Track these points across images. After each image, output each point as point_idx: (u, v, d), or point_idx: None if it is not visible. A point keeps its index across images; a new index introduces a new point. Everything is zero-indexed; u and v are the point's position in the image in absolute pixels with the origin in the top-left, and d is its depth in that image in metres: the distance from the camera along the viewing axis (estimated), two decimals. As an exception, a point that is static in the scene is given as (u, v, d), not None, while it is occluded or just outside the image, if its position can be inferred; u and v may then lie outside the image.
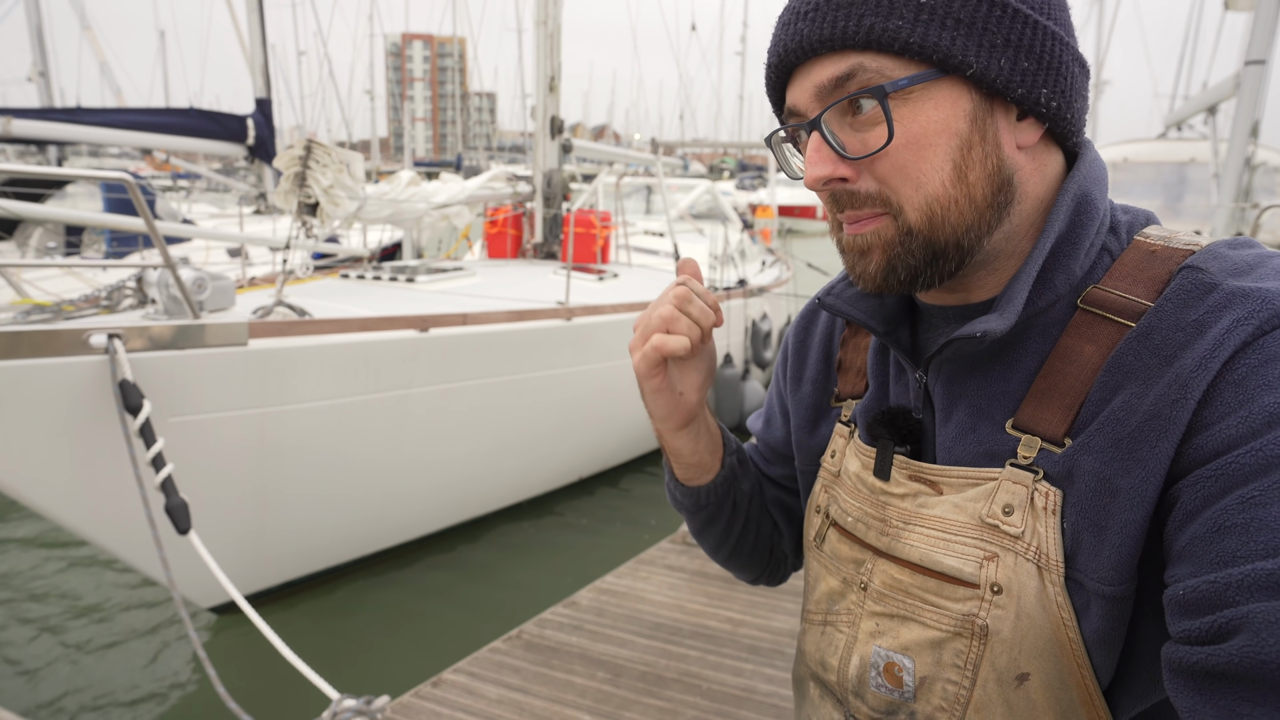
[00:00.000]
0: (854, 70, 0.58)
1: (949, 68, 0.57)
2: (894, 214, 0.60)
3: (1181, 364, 0.52)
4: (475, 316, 4.38)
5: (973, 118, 0.59)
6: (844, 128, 0.60)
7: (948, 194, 0.59)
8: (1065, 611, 0.56)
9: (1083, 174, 0.63)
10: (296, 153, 4.36)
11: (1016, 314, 0.59)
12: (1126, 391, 0.55)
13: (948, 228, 0.60)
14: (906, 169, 0.59)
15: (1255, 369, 0.49)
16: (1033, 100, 0.59)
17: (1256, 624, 0.44)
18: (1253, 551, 0.45)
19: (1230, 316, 0.51)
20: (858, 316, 0.70)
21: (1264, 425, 0.48)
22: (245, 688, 3.06)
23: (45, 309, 3.44)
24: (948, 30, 0.57)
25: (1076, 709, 0.57)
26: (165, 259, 3.12)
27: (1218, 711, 0.45)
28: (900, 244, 0.60)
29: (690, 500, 0.84)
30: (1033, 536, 0.57)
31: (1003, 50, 0.58)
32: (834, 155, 0.60)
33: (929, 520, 0.64)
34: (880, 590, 0.67)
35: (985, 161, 0.59)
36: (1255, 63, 6.10)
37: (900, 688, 0.64)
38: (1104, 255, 0.62)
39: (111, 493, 3.21)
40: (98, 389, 3.09)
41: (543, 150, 6.86)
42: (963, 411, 0.64)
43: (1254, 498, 0.47)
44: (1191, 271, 0.56)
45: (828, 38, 0.59)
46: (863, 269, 0.63)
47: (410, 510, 4.60)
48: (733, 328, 7.10)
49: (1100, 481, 0.55)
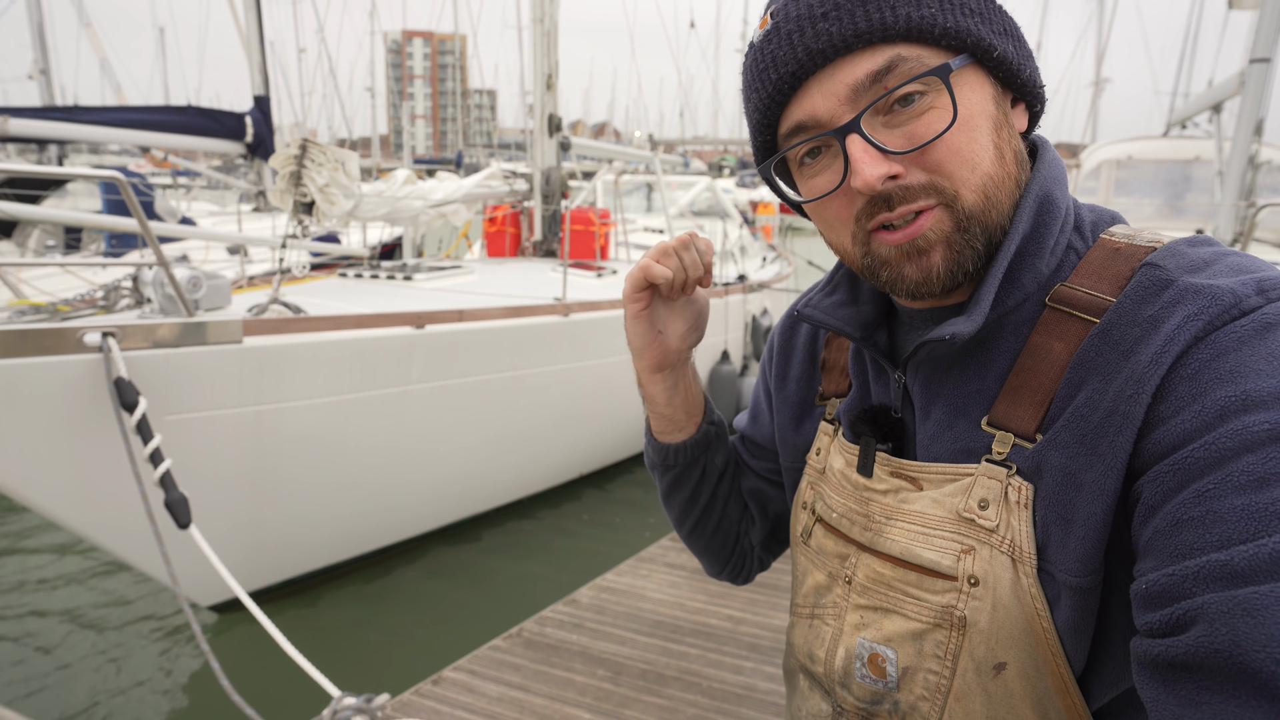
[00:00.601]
0: (893, 62, 0.57)
1: (979, 51, 0.59)
2: (948, 201, 0.59)
3: (1137, 359, 0.54)
4: (471, 313, 4.37)
5: (996, 100, 0.61)
6: (876, 127, 0.59)
7: (997, 172, 0.60)
8: (1039, 602, 0.58)
9: (1044, 174, 0.64)
10: (292, 152, 4.37)
11: (984, 316, 0.60)
12: (1090, 387, 0.56)
13: (998, 208, 0.61)
14: (962, 150, 0.58)
15: (1207, 363, 0.51)
16: (1032, 83, 0.63)
17: (1211, 614, 0.45)
18: (1208, 544, 0.46)
19: (1182, 312, 0.53)
20: (835, 325, 0.72)
21: (1216, 419, 0.49)
22: (246, 685, 3.05)
23: (41, 309, 3.43)
24: (968, 18, 0.59)
25: (1052, 696, 0.59)
26: (159, 257, 3.11)
27: (1179, 701, 0.46)
28: (961, 233, 0.60)
29: (659, 455, 0.87)
30: (1007, 530, 0.59)
31: (1005, 37, 0.61)
32: (882, 154, 0.58)
33: (909, 515, 0.65)
34: (864, 584, 0.68)
35: (1012, 141, 0.62)
36: (1260, 60, 6.09)
37: (884, 678, 0.66)
38: (1070, 254, 0.63)
39: (109, 491, 3.21)
40: (93, 387, 3.09)
41: (541, 148, 6.85)
42: (940, 410, 0.65)
43: (1209, 491, 0.47)
44: (1150, 268, 0.57)
45: (864, 31, 0.57)
46: (922, 273, 0.61)
47: (408, 507, 4.60)
48: (731, 323, 7.08)
49: (1066, 476, 0.56)
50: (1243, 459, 0.47)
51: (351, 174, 4.55)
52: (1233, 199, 6.16)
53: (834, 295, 0.75)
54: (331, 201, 4.31)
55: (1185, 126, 8.88)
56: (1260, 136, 6.27)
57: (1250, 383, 0.48)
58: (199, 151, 7.99)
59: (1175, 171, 7.91)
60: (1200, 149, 7.83)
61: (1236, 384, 0.49)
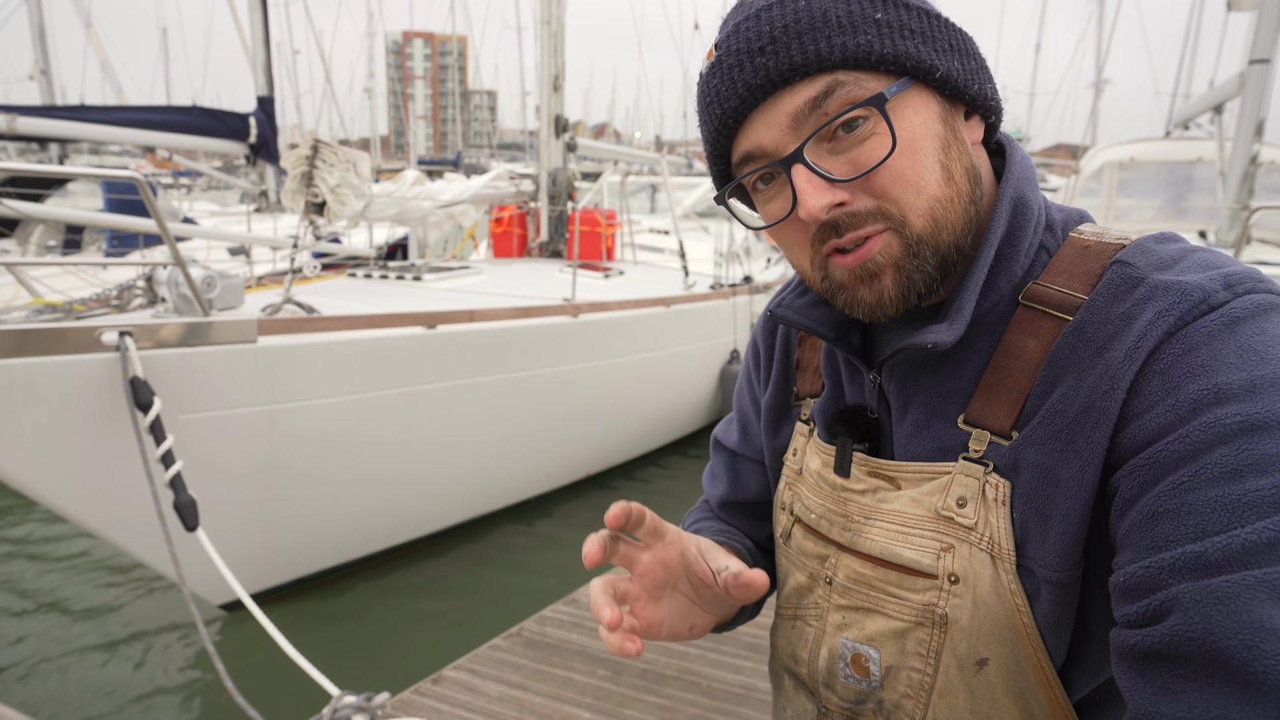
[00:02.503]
0: (830, 87, 0.58)
1: (920, 73, 0.59)
2: (896, 226, 0.59)
3: (1111, 355, 0.54)
4: (482, 313, 4.39)
5: (943, 118, 0.61)
6: (821, 154, 0.59)
7: (944, 193, 0.60)
8: (1019, 598, 0.58)
9: (1016, 175, 0.65)
10: (303, 152, 4.36)
11: (965, 323, 0.60)
12: (1064, 384, 0.57)
13: (949, 229, 0.61)
14: (906, 175, 0.59)
15: (1179, 358, 0.52)
16: (983, 96, 0.63)
17: (1185, 604, 0.46)
18: (1183, 535, 0.47)
19: (1154, 308, 0.54)
20: (807, 325, 0.72)
21: (1189, 412, 0.50)
22: (249, 683, 3.06)
23: (56, 309, 3.44)
24: (907, 40, 0.59)
25: (1034, 689, 0.59)
26: (175, 257, 3.12)
27: (1154, 690, 0.47)
28: (910, 256, 0.60)
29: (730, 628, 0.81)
30: (985, 527, 0.59)
31: (950, 54, 0.61)
32: (827, 182, 0.58)
33: (888, 515, 0.65)
34: (845, 584, 0.68)
35: (962, 158, 0.62)
36: (1259, 61, 6.10)
37: (868, 678, 0.66)
38: (1041, 253, 0.64)
39: (122, 490, 3.23)
40: (109, 386, 3.11)
41: (547, 149, 6.85)
42: (917, 409, 0.65)
43: (1183, 484, 0.48)
44: (1120, 266, 0.58)
45: (800, 64, 0.57)
46: (875, 296, 0.61)
47: (419, 507, 4.61)
48: (740, 323, 7.12)
49: (1043, 472, 0.57)
50: (1215, 451, 0.48)
51: (363, 174, 4.55)
52: (1234, 200, 6.16)
53: (806, 295, 0.74)
54: (343, 202, 4.32)
55: (1188, 127, 8.86)
56: (1261, 137, 6.27)
57: (1221, 376, 0.49)
58: (202, 152, 8.00)
59: (1178, 173, 7.89)
60: (1203, 150, 7.81)
61: (1208, 378, 0.50)
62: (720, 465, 0.92)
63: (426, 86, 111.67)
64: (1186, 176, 7.77)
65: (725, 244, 7.37)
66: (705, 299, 6.50)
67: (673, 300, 6.02)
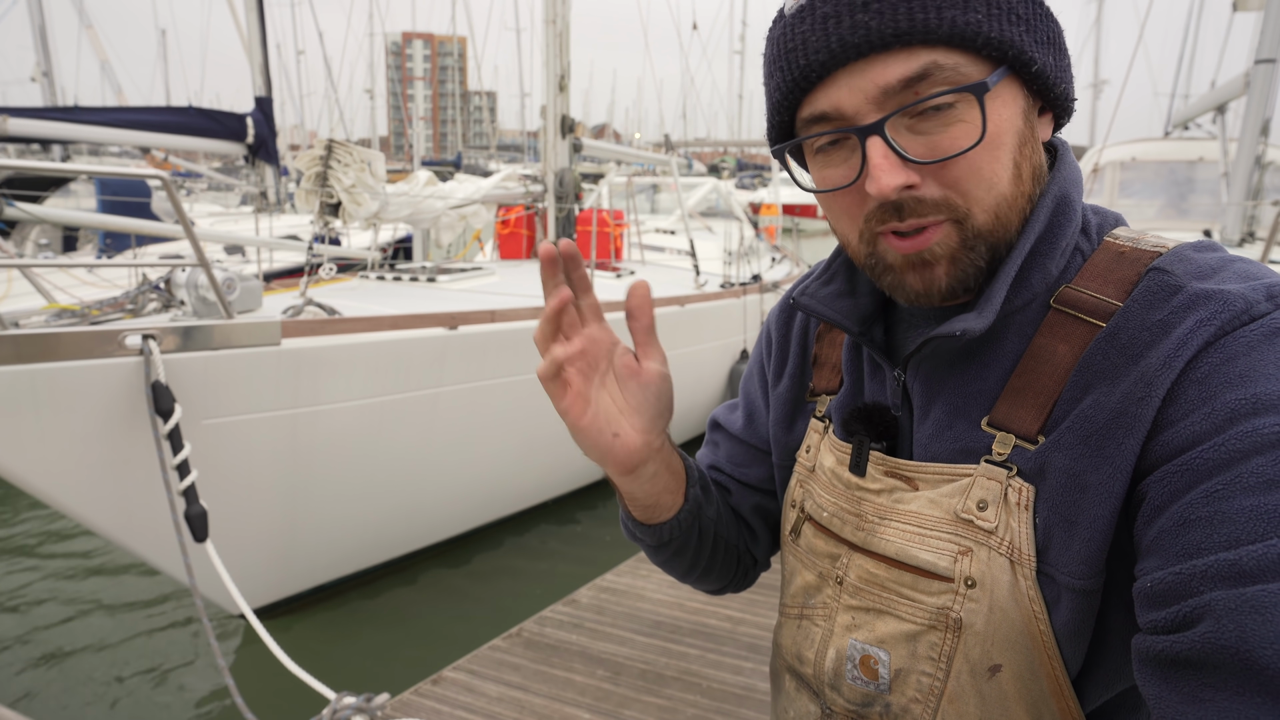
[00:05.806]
0: (928, 69, 0.55)
1: (1019, 65, 0.57)
2: (959, 219, 0.58)
3: (1147, 363, 0.53)
4: (503, 314, 4.37)
5: (1025, 114, 0.59)
6: (900, 130, 0.57)
7: (1012, 192, 0.59)
8: (1037, 605, 0.57)
9: (1063, 175, 0.63)
10: (317, 152, 4.31)
11: (995, 313, 0.59)
12: (1096, 390, 0.56)
13: (1008, 227, 0.60)
14: (982, 170, 0.57)
15: (1217, 367, 0.51)
16: (1065, 97, 0.61)
17: (1218, 611, 0.45)
18: (1216, 543, 0.47)
19: (1194, 317, 0.53)
20: (832, 316, 0.69)
21: (1226, 421, 0.49)
22: (258, 687, 3.08)
23: (74, 313, 3.40)
24: (1013, 26, 0.56)
25: (1046, 699, 0.58)
26: (200, 260, 3.09)
27: (1181, 698, 0.46)
28: (967, 250, 0.59)
29: (651, 537, 0.76)
30: (1006, 531, 0.58)
31: (1048, 47, 0.59)
32: (901, 161, 0.56)
33: (905, 515, 0.64)
34: (856, 584, 0.67)
35: (1033, 158, 0.60)
36: (1265, 61, 6.09)
37: (876, 680, 0.65)
38: (1076, 256, 0.63)
39: (140, 496, 3.19)
40: (131, 391, 3.08)
41: (554, 150, 6.82)
42: (940, 409, 0.64)
43: (1218, 491, 0.48)
44: (1158, 274, 0.57)
45: (905, 31, 0.54)
46: (925, 285, 0.60)
47: (440, 512, 4.59)
48: (749, 323, 7.12)
49: (1070, 478, 0.56)
50: (1252, 461, 0.47)
51: (378, 174, 4.51)
52: (1240, 200, 6.14)
53: (831, 285, 0.72)
54: (358, 202, 4.28)
55: (1187, 128, 8.85)
56: (1266, 137, 6.27)
57: (1260, 386, 0.49)
58: (200, 152, 7.97)
59: (1179, 173, 7.89)
60: (1204, 150, 7.81)
61: (1246, 387, 0.49)
62: (716, 441, 0.89)
63: (426, 87, 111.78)
64: (1188, 176, 7.77)
65: (734, 243, 7.39)
66: (717, 297, 6.51)
67: (687, 299, 6.02)
